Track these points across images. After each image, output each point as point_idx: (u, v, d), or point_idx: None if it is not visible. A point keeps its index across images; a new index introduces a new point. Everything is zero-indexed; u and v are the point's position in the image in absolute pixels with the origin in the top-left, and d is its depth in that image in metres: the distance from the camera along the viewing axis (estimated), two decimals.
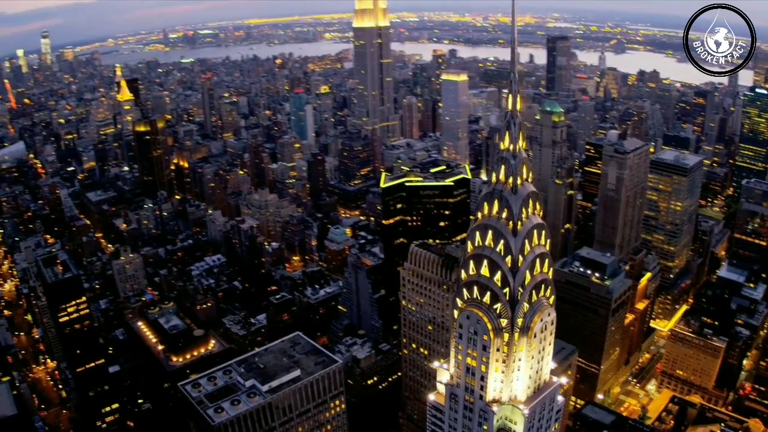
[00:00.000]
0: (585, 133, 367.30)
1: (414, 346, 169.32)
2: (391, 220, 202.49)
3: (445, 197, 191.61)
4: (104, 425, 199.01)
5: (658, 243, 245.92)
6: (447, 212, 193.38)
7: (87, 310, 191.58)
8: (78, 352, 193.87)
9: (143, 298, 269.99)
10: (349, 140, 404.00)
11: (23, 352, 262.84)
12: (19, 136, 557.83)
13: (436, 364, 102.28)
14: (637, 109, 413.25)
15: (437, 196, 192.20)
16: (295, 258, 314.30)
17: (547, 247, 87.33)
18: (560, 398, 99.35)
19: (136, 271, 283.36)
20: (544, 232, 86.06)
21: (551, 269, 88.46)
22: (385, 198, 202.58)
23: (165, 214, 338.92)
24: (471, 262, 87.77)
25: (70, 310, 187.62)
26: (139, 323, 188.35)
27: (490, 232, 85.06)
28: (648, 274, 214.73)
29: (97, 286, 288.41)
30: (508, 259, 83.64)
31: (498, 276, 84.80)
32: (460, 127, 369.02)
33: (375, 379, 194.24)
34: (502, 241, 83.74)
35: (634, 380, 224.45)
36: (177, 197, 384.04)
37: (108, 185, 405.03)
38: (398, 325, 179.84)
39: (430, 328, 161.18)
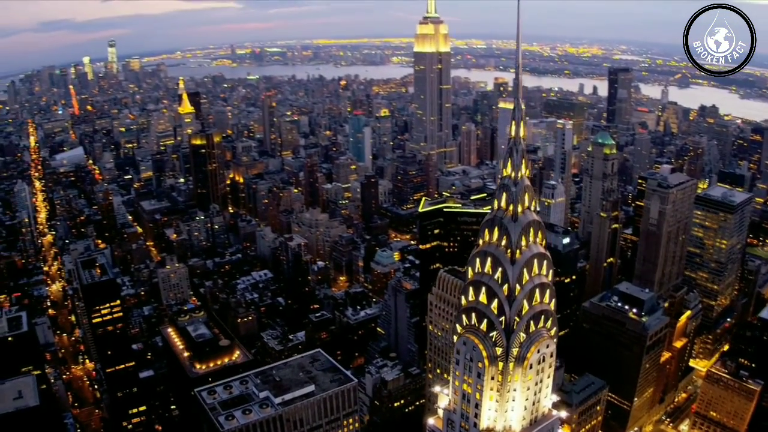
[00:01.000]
0: (641, 167, 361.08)
1: (438, 371, 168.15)
2: (428, 245, 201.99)
3: None
4: (130, 426, 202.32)
5: (701, 281, 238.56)
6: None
7: (120, 313, 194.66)
8: (109, 353, 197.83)
9: (185, 308, 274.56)
10: (403, 164, 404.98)
11: (63, 350, 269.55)
12: (79, 142, 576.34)
13: (437, 388, 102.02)
14: (693, 144, 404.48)
15: (475, 223, 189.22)
16: (341, 278, 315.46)
17: (549, 278, 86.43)
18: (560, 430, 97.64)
19: (181, 280, 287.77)
20: (545, 262, 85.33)
21: (553, 301, 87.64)
22: (422, 223, 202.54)
23: (216, 227, 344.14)
24: (470, 288, 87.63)
25: (104, 311, 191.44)
26: (169, 330, 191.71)
27: (489, 259, 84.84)
28: (688, 312, 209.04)
29: (143, 293, 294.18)
30: (505, 287, 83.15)
31: (495, 304, 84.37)
32: None
33: (401, 402, 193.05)
34: (500, 269, 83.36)
35: (668, 419, 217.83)
36: (230, 211, 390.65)
37: (162, 195, 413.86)
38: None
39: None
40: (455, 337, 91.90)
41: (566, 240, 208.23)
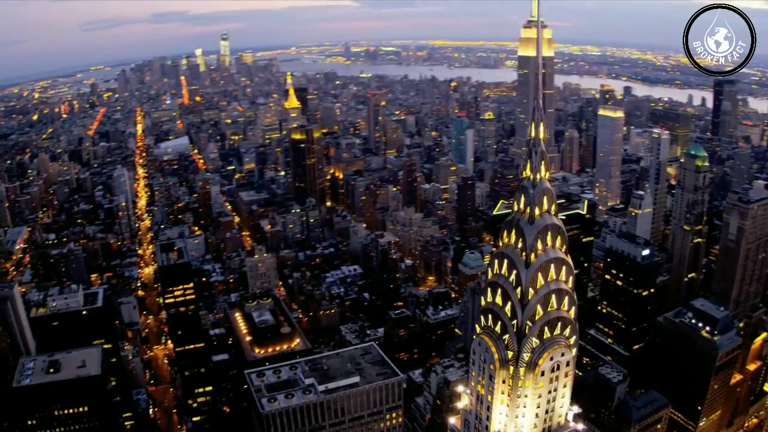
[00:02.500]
0: (739, 182, 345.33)
1: None
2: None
3: None
4: (195, 405, 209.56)
5: None
6: None
7: (193, 296, 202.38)
8: (180, 333, 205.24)
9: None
10: (501, 167, 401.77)
11: (147, 330, 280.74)
12: (185, 132, 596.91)
13: (460, 388, 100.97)
14: None
15: None
16: (430, 278, 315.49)
17: (569, 285, 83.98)
18: None
19: (268, 270, 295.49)
20: (564, 268, 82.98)
21: (573, 308, 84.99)
22: (495, 225, 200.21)
23: (312, 220, 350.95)
24: (488, 289, 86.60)
25: (177, 293, 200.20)
26: (236, 314, 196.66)
27: (505, 261, 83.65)
28: (764, 335, 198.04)
29: (231, 280, 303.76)
30: (519, 290, 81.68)
31: (509, 306, 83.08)
32: (613, 164, 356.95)
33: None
34: (514, 271, 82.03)
35: None
36: (327, 206, 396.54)
37: (262, 187, 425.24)
38: None
39: None
40: (474, 338, 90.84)
41: (645, 252, 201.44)
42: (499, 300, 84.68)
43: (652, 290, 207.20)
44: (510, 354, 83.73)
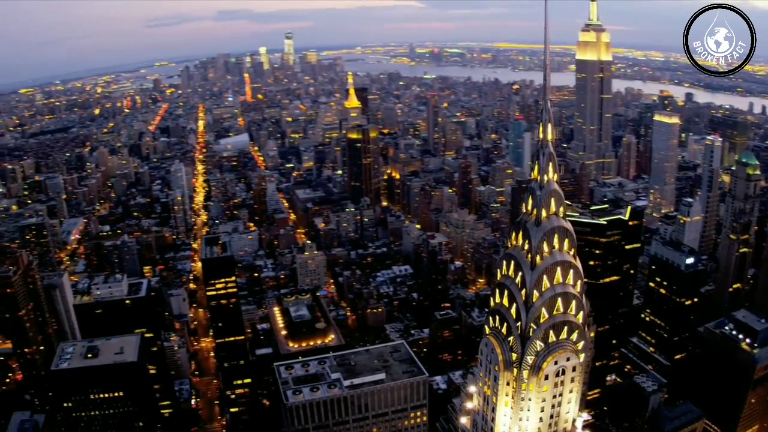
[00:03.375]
0: None
1: None
2: None
3: (597, 236, 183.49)
4: (233, 396, 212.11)
5: None
6: (597, 251, 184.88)
7: (234, 289, 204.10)
8: (220, 325, 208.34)
9: (318, 293, 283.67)
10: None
11: (195, 322, 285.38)
12: (246, 129, 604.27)
13: (472, 389, 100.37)
14: None
15: (589, 233, 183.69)
16: (480, 280, 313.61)
17: (577, 289, 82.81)
18: None
19: (318, 267, 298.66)
20: (572, 271, 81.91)
21: (581, 313, 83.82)
22: None
23: (366, 219, 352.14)
24: (496, 290, 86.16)
25: (218, 286, 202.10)
26: (275, 309, 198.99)
27: (512, 262, 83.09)
28: None
29: (282, 276, 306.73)
30: (523, 292, 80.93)
31: (514, 308, 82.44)
32: (667, 171, 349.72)
33: None
34: (520, 273, 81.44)
35: None
36: (382, 205, 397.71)
37: (318, 185, 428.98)
38: None
39: None
40: (483, 338, 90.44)
41: (689, 260, 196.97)
42: (505, 301, 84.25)
43: (695, 299, 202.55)
44: (514, 356, 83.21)
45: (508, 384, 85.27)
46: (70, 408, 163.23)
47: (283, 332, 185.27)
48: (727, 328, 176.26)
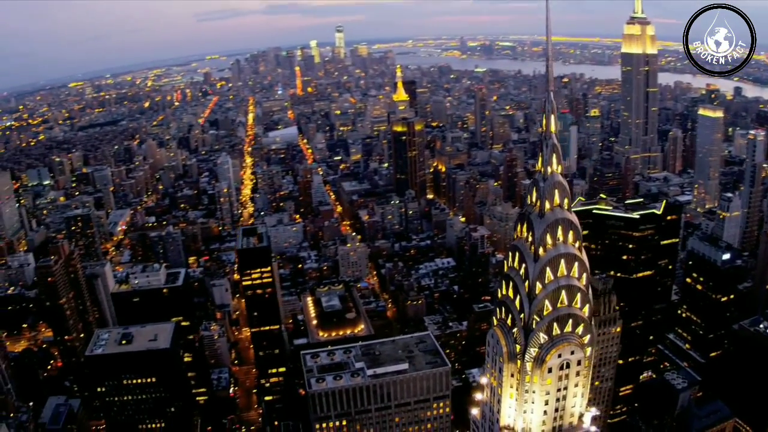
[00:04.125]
0: None
1: None
2: None
3: (630, 230, 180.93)
4: (267, 384, 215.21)
5: None
6: (631, 246, 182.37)
7: (270, 279, 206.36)
8: (255, 314, 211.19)
9: (358, 285, 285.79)
10: (600, 165, 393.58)
11: (237, 312, 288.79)
12: (295, 122, 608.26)
13: (484, 380, 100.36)
14: None
15: (622, 227, 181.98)
16: None
17: (582, 282, 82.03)
18: None
19: (360, 259, 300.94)
20: (577, 264, 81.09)
21: (587, 306, 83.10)
22: None
23: (410, 212, 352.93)
24: (503, 282, 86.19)
25: (254, 276, 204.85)
26: (308, 299, 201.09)
27: (517, 254, 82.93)
28: None
29: (325, 268, 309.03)
30: (527, 284, 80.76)
31: (518, 300, 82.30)
32: (711, 165, 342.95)
33: None
34: (524, 265, 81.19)
35: None
36: (428, 197, 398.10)
37: (364, 178, 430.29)
38: None
39: None
40: (491, 329, 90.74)
41: (726, 256, 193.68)
42: (510, 293, 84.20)
43: (731, 296, 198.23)
44: (518, 348, 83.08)
45: (512, 376, 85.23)
46: (104, 393, 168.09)
47: (314, 322, 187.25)
48: (762, 326, 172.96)
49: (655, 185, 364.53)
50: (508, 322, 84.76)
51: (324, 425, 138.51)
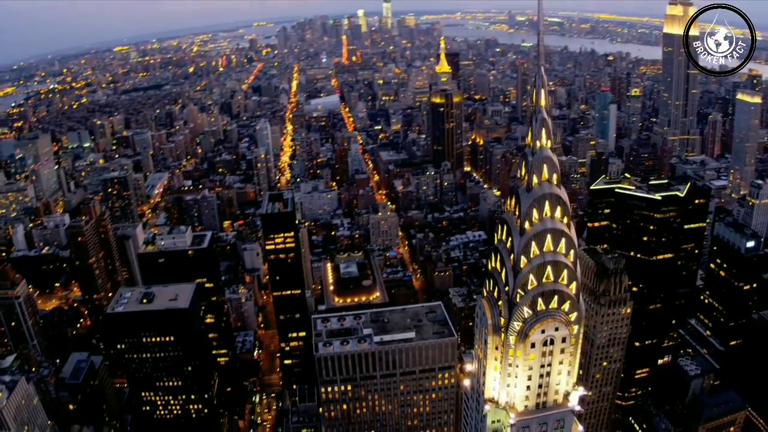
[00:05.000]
0: None
1: None
2: (596, 224, 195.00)
3: (652, 211, 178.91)
4: (288, 348, 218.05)
5: None
6: (652, 227, 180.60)
7: (293, 244, 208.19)
8: (277, 278, 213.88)
9: (387, 254, 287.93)
10: (637, 145, 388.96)
11: (267, 277, 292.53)
12: (338, 90, 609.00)
13: (473, 352, 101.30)
14: None
15: (644, 208, 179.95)
16: None
17: (570, 258, 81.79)
18: (580, 428, 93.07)
19: (390, 228, 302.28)
20: (564, 240, 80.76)
21: (574, 284, 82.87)
22: (593, 200, 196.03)
23: (446, 183, 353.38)
24: (491, 254, 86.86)
25: (277, 240, 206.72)
26: (327, 265, 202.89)
27: (505, 227, 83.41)
28: None
29: (357, 236, 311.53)
30: (512, 257, 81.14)
31: (504, 273, 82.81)
32: (748, 151, 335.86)
33: None
34: (510, 238, 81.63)
35: None
36: (465, 170, 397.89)
37: (402, 148, 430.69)
38: None
39: None
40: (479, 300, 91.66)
41: (750, 243, 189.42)
42: (498, 265, 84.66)
43: (754, 285, 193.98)
44: (502, 321, 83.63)
45: (496, 349, 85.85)
46: (124, 350, 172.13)
47: (331, 288, 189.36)
48: None
49: (692, 168, 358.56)
50: (495, 294, 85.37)
51: (330, 389, 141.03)
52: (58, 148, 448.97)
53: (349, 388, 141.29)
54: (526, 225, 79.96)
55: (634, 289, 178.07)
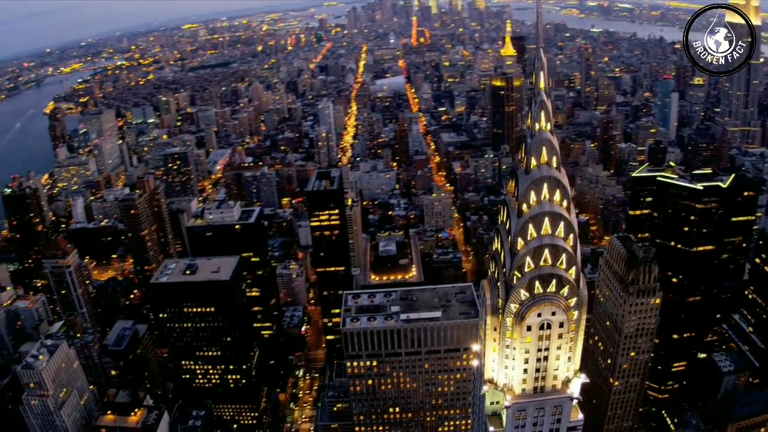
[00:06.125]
0: None
1: (596, 338, 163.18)
2: (638, 212, 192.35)
3: (693, 201, 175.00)
4: (330, 324, 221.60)
5: None
6: (692, 217, 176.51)
7: (338, 221, 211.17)
8: (321, 255, 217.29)
9: (439, 235, 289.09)
10: (696, 135, 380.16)
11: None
12: (404, 71, 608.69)
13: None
14: None
15: (685, 198, 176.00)
16: (606, 237, 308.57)
17: (569, 243, 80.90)
18: (580, 416, 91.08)
19: (444, 209, 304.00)
20: (563, 224, 79.63)
21: (573, 269, 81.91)
22: (635, 187, 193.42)
23: (504, 167, 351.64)
24: (495, 235, 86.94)
25: (322, 217, 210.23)
26: (369, 243, 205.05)
27: (506, 209, 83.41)
28: None
29: (412, 216, 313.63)
30: (510, 239, 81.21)
31: (503, 255, 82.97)
32: None
33: None
34: (509, 220, 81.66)
35: None
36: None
37: (464, 130, 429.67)
38: None
39: (608, 323, 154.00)
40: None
41: None
42: (499, 247, 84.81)
43: None
44: (500, 302, 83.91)
45: (495, 329, 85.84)
46: (166, 319, 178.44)
47: (369, 265, 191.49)
48: None
49: (751, 160, 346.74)
50: (495, 275, 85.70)
51: (355, 363, 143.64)
52: (122, 123, 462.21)
53: (374, 363, 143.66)
54: (524, 207, 79.50)
55: (674, 280, 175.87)
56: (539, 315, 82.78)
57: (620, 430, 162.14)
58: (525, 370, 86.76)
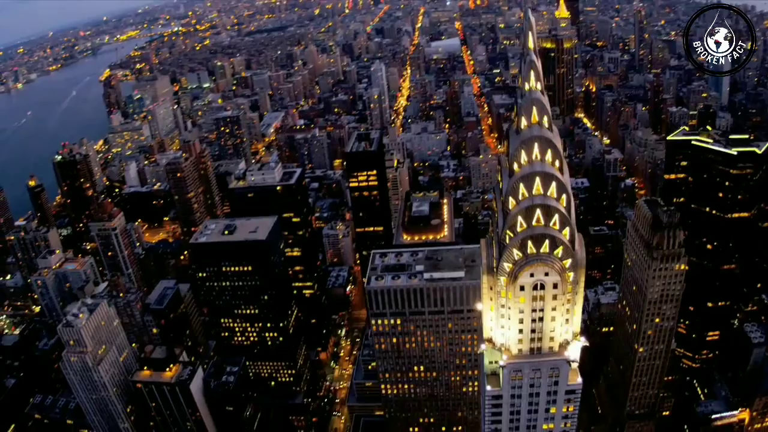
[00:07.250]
0: None
1: (624, 303, 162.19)
2: (673, 176, 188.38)
3: (727, 166, 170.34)
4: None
5: None
6: (727, 183, 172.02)
7: (376, 182, 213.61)
8: (360, 215, 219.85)
9: (485, 196, 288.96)
10: (746, 100, 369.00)
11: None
12: (462, 33, 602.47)
13: None
14: None
15: (720, 163, 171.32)
16: None
17: (562, 203, 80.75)
18: (579, 379, 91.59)
19: (491, 171, 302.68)
20: (554, 184, 79.20)
21: (566, 229, 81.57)
22: (671, 151, 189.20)
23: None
24: (494, 195, 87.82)
25: (361, 178, 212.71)
26: (404, 204, 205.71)
27: (501, 169, 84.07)
28: None
29: (461, 178, 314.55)
30: (502, 199, 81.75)
31: (497, 214, 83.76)
32: None
33: (611, 328, 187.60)
34: (502, 180, 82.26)
35: None
36: (575, 116, 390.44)
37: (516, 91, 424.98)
38: None
39: (634, 288, 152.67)
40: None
41: None
42: (495, 207, 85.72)
43: None
44: (494, 261, 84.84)
45: (491, 288, 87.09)
46: (205, 278, 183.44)
47: (402, 225, 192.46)
48: None
49: None
50: (491, 235, 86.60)
51: (380, 321, 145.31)
52: (177, 88, 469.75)
53: (398, 321, 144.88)
54: (515, 167, 79.81)
55: (708, 246, 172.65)
56: (532, 275, 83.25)
57: (645, 398, 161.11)
58: (520, 330, 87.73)
